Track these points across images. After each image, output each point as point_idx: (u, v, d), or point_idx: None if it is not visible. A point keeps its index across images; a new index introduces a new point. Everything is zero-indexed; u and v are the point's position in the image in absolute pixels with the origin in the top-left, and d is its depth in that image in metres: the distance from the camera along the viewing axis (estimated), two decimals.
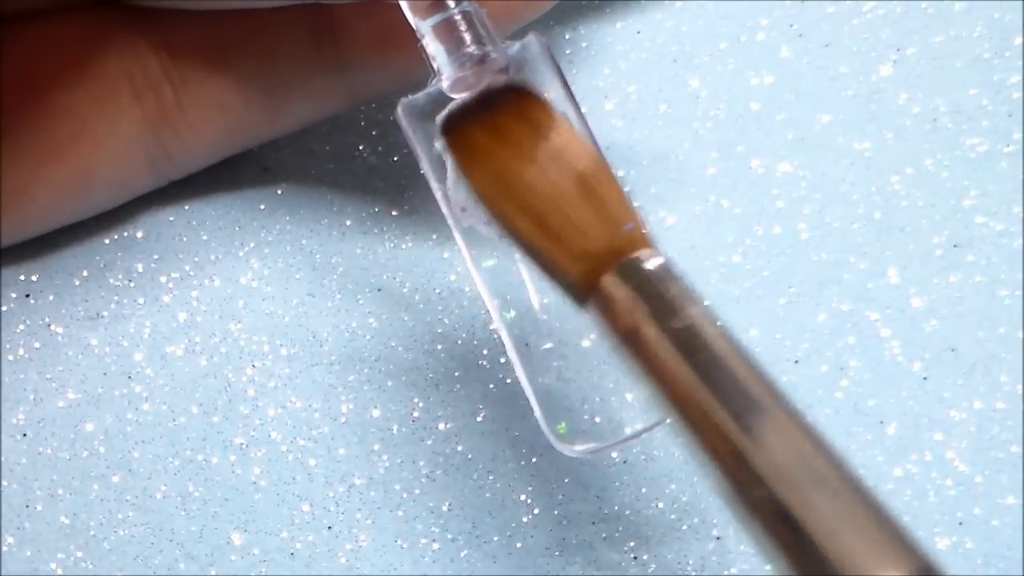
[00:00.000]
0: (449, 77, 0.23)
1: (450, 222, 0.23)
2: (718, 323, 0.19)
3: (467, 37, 0.23)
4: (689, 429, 0.19)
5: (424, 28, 0.23)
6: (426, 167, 0.23)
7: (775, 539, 0.17)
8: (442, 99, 0.23)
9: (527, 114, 0.21)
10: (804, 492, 0.17)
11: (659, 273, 0.20)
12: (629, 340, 0.20)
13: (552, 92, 0.23)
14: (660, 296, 0.20)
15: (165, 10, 0.26)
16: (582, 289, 0.20)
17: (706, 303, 0.20)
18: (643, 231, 0.20)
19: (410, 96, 0.23)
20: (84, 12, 0.26)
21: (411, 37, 0.23)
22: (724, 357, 0.19)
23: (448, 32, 0.23)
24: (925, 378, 0.28)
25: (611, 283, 0.20)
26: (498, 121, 0.21)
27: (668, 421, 0.19)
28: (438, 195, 0.23)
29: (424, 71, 0.23)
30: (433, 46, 0.23)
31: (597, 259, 0.20)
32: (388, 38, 0.26)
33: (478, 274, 0.24)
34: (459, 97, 0.22)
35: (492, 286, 0.24)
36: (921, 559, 0.17)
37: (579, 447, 0.23)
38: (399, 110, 0.23)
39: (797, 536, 0.17)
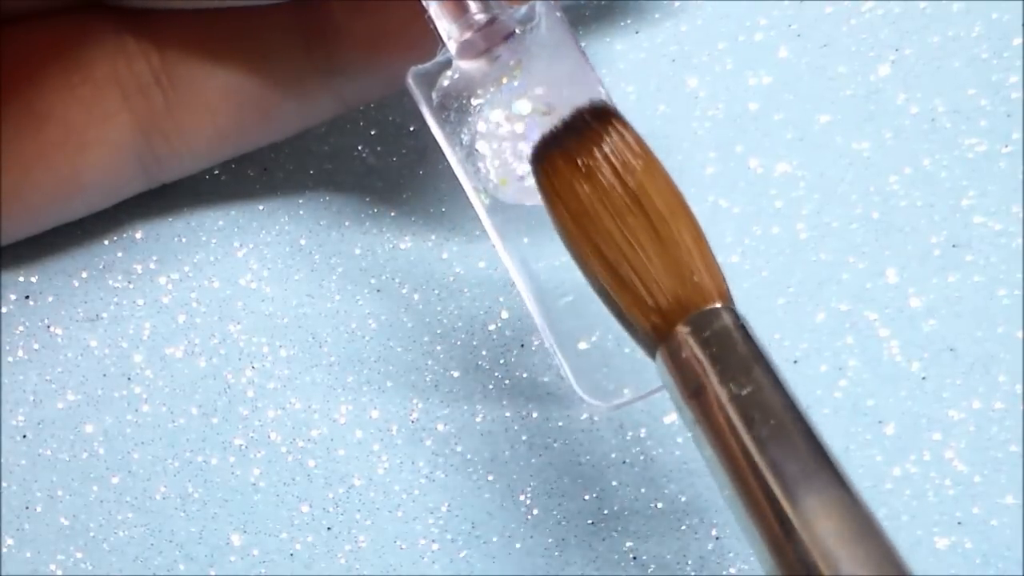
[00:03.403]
0: (456, 41, 0.23)
1: (468, 191, 0.23)
2: (781, 387, 0.19)
3: (472, 3, 0.23)
4: (740, 498, 0.19)
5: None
6: (439, 135, 0.23)
7: None
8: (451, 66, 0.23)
9: (614, 144, 0.21)
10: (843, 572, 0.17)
11: (728, 330, 0.20)
12: (693, 398, 0.19)
13: (564, 52, 0.23)
14: (727, 356, 0.19)
15: (155, 13, 0.26)
16: (653, 341, 0.20)
17: (773, 363, 0.19)
18: (719, 282, 0.20)
19: (420, 64, 0.23)
20: (73, 15, 0.26)
21: (403, 40, 0.23)
22: (782, 429, 0.19)
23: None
24: (924, 378, 0.28)
25: (680, 338, 0.20)
26: (586, 152, 0.21)
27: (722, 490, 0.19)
28: (453, 161, 0.23)
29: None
30: (439, 12, 0.23)
31: (667, 313, 0.20)
32: (379, 41, 0.26)
33: (500, 243, 0.23)
34: (545, 128, 0.22)
35: (514, 254, 0.23)
36: None
37: (613, 401, 0.23)
38: (409, 79, 0.23)
39: None
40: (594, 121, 0.21)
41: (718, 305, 0.20)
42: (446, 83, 0.23)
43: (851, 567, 0.17)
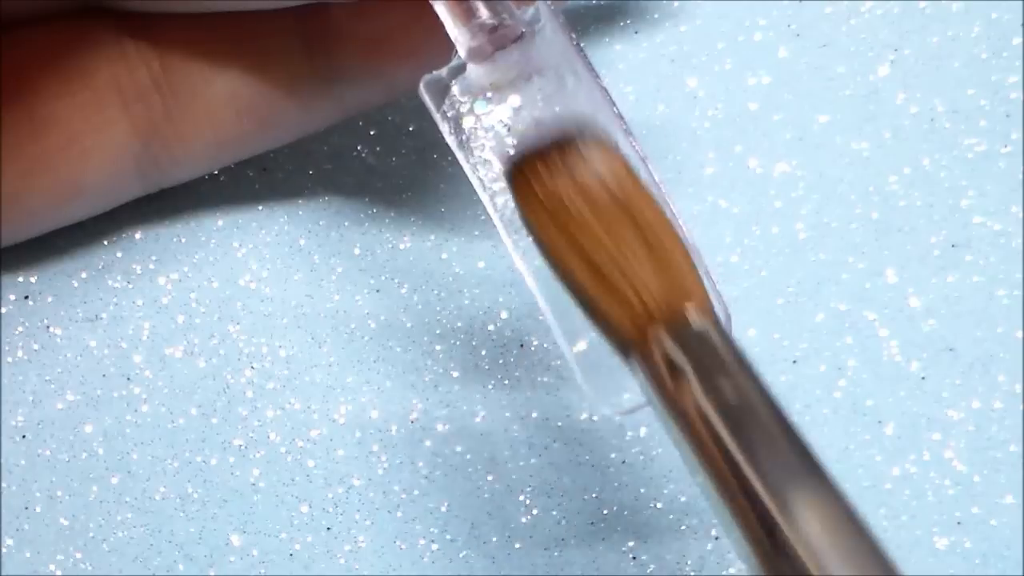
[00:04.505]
0: (464, 46, 0.23)
1: (482, 198, 0.23)
2: (765, 392, 0.19)
3: (480, 6, 0.23)
4: (722, 501, 0.19)
5: (438, 4, 0.23)
6: (452, 142, 0.23)
7: None
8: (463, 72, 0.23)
9: (596, 160, 0.21)
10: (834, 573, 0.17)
11: (710, 336, 0.20)
12: (671, 403, 0.19)
13: (563, 56, 0.23)
14: (708, 362, 0.19)
15: (155, 19, 0.26)
16: (627, 341, 0.20)
17: (755, 369, 0.19)
18: (701, 292, 0.20)
19: (433, 72, 0.23)
20: (73, 21, 0.26)
21: (403, 46, 0.23)
22: (765, 433, 0.19)
23: (461, 4, 0.23)
24: (923, 378, 0.28)
25: (659, 341, 0.20)
26: (565, 165, 0.21)
27: (701, 489, 0.19)
28: (466, 167, 0.23)
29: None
30: (447, 17, 0.23)
31: (648, 314, 0.20)
32: (380, 48, 0.26)
33: (512, 245, 0.23)
34: (526, 136, 0.22)
35: (528, 257, 0.23)
36: None
37: (622, 406, 0.23)
38: (421, 86, 0.23)
39: None
40: (573, 137, 0.21)
41: (702, 312, 0.20)
42: (457, 89, 0.23)
43: (841, 568, 0.17)
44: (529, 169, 0.21)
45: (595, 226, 0.20)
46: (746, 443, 0.18)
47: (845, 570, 0.17)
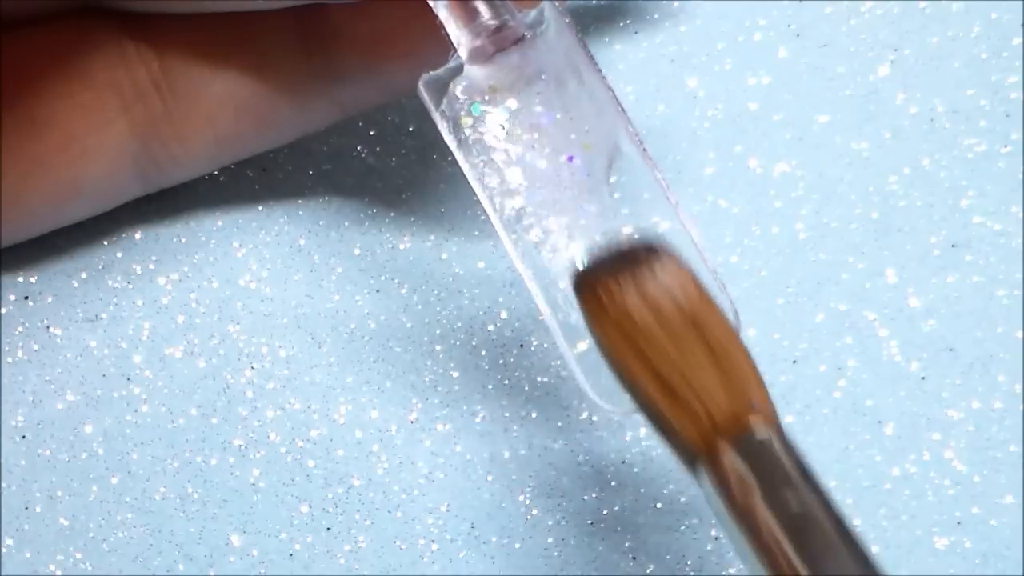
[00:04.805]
0: (466, 47, 0.23)
1: (479, 194, 0.23)
2: (830, 504, 0.19)
3: (482, 7, 0.23)
4: None
5: (439, 5, 0.23)
6: (451, 142, 0.23)
7: None
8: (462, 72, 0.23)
9: (665, 275, 0.21)
10: None
11: (776, 450, 0.20)
12: (740, 516, 0.20)
13: (567, 59, 0.23)
14: (775, 475, 0.20)
15: (155, 20, 0.26)
16: (695, 453, 0.20)
17: (821, 482, 0.20)
18: (768, 405, 0.20)
19: (431, 71, 0.23)
20: (73, 21, 0.26)
21: (402, 47, 0.23)
22: (830, 546, 0.19)
23: (463, 5, 0.23)
24: (923, 378, 0.28)
25: (728, 454, 0.20)
26: (633, 278, 0.21)
27: None
28: (465, 166, 0.23)
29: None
30: (449, 17, 0.23)
31: (716, 426, 0.20)
32: (378, 48, 0.26)
33: (512, 248, 0.23)
34: (595, 248, 0.22)
35: (527, 259, 0.23)
36: None
37: (624, 406, 0.23)
38: (420, 85, 0.23)
39: None
40: (639, 250, 0.21)
41: (769, 425, 0.20)
42: (457, 89, 0.23)
43: None
44: (599, 284, 0.21)
45: (663, 341, 0.21)
46: (810, 556, 0.19)
47: None
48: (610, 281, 0.21)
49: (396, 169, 0.30)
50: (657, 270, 0.21)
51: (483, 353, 0.28)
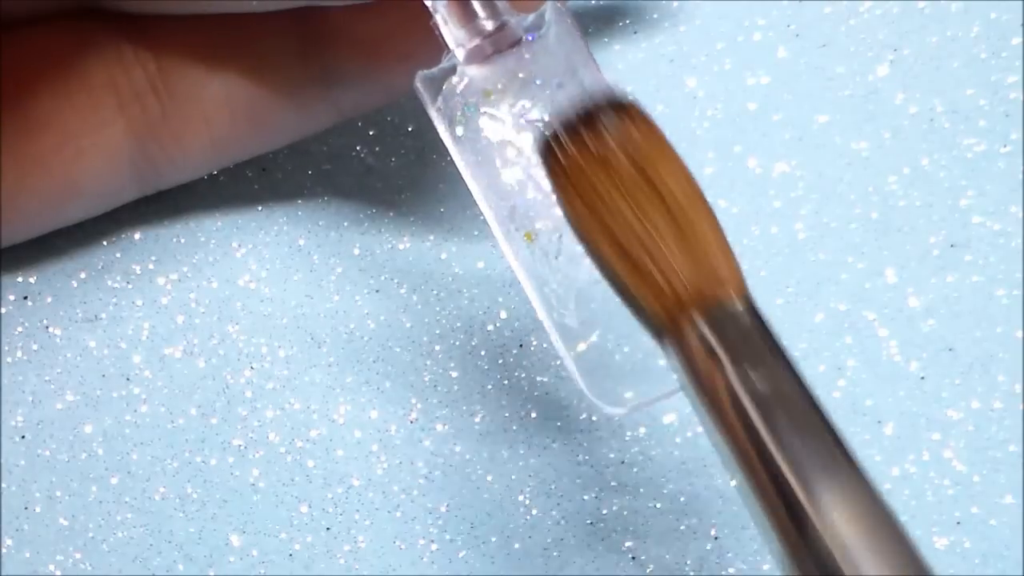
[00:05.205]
0: (464, 47, 0.23)
1: (475, 194, 0.23)
2: (799, 380, 0.19)
3: (481, 8, 0.23)
4: (752, 489, 0.18)
5: (438, 4, 0.23)
6: (447, 138, 0.23)
7: None
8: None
9: (630, 134, 0.20)
10: (861, 567, 0.17)
11: (745, 322, 0.19)
12: (704, 388, 0.19)
13: (568, 61, 0.23)
14: (742, 348, 0.19)
15: (152, 21, 0.26)
16: (661, 325, 0.20)
17: (789, 356, 0.19)
18: (736, 276, 0.20)
19: (428, 69, 0.23)
20: (70, 23, 0.26)
21: (399, 49, 0.23)
22: (798, 422, 0.18)
23: (461, 6, 0.23)
24: (923, 378, 0.28)
25: (693, 326, 0.19)
26: (599, 142, 0.20)
27: (732, 479, 0.19)
28: (460, 163, 0.23)
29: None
30: (447, 18, 0.23)
31: (682, 298, 0.19)
32: (376, 50, 0.26)
33: (507, 247, 0.23)
34: (560, 114, 0.21)
35: (522, 258, 0.23)
36: None
37: (624, 405, 0.23)
38: (417, 82, 0.23)
39: None
40: (608, 108, 0.21)
41: (738, 297, 0.20)
42: (453, 88, 0.23)
43: (867, 558, 0.17)
44: (556, 143, 0.21)
45: (624, 208, 0.20)
46: (777, 431, 0.18)
47: (871, 561, 0.17)
48: (567, 138, 0.20)
49: (395, 169, 0.30)
50: (614, 122, 0.20)
51: (483, 353, 0.28)
